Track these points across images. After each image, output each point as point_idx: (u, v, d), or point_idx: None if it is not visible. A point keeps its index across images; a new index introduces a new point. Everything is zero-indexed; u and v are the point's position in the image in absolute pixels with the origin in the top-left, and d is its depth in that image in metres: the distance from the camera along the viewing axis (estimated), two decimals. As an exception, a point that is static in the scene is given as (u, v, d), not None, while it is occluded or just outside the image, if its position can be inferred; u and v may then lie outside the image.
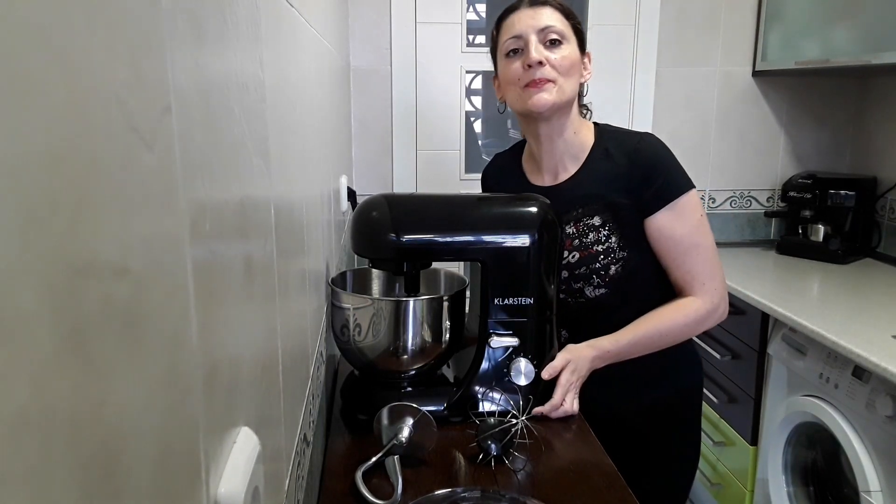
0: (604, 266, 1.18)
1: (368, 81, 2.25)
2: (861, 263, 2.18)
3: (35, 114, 0.20)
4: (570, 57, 1.15)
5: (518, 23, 1.16)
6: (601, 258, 1.18)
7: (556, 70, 1.14)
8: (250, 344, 0.49)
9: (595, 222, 1.18)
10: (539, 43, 1.15)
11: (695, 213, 1.16)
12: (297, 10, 0.83)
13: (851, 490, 1.55)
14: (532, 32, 1.15)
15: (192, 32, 0.36)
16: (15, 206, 0.19)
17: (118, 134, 0.26)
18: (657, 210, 1.15)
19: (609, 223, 1.17)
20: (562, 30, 1.15)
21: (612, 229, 1.17)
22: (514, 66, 1.16)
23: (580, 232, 1.19)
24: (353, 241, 1.10)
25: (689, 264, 1.16)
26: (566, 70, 1.15)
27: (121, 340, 0.26)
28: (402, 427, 0.94)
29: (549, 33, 1.15)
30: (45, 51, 0.20)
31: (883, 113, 2.30)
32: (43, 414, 0.20)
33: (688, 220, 1.15)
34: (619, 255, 1.17)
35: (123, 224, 0.26)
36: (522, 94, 1.16)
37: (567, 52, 1.15)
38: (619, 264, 1.17)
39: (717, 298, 1.17)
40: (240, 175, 0.47)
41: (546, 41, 1.15)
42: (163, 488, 0.30)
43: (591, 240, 1.18)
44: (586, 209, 1.19)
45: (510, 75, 1.18)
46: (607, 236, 1.17)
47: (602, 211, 1.18)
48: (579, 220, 1.19)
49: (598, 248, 1.18)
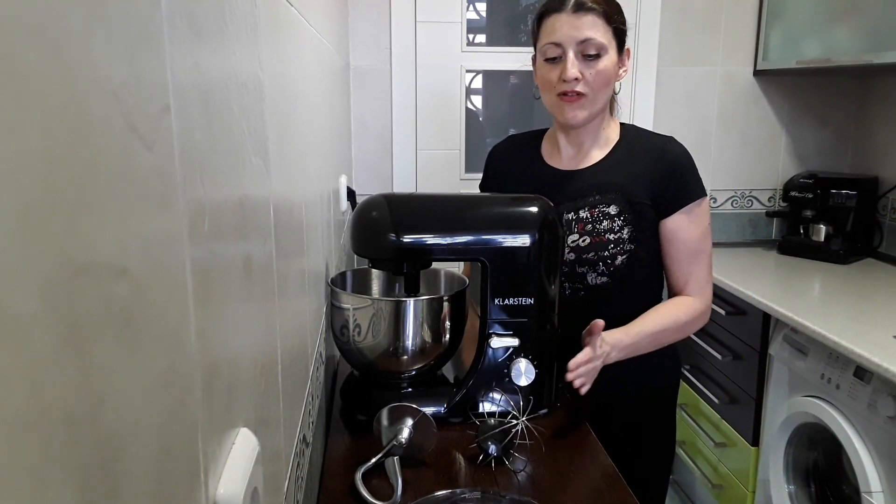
0: (611, 255, 1.21)
1: (368, 81, 2.25)
2: (862, 263, 2.18)
3: (34, 113, 0.20)
4: (605, 71, 1.18)
5: (559, 30, 1.16)
6: (611, 247, 1.21)
7: (591, 86, 1.17)
8: (249, 344, 0.49)
9: (611, 211, 1.21)
10: (577, 55, 1.16)
11: (706, 219, 1.23)
12: (296, 9, 0.83)
13: (853, 490, 1.54)
14: (571, 44, 1.16)
15: (191, 32, 0.36)
16: (14, 206, 0.18)
17: (117, 133, 0.26)
18: (675, 212, 1.20)
19: (625, 214, 1.21)
20: (601, 42, 1.16)
21: (626, 220, 1.21)
22: (551, 74, 1.19)
23: (594, 218, 1.22)
24: (353, 241, 1.10)
25: (692, 267, 1.22)
26: (601, 85, 1.18)
27: (120, 340, 0.26)
28: (401, 428, 0.94)
29: (588, 46, 1.16)
30: (44, 50, 0.20)
31: (884, 112, 2.29)
32: (42, 414, 0.20)
33: (699, 226, 1.21)
34: (627, 247, 1.21)
35: (122, 224, 0.26)
36: (557, 102, 1.20)
37: (604, 66, 1.17)
38: (625, 256, 1.21)
39: (708, 302, 1.24)
40: (239, 175, 0.46)
41: (584, 52, 1.16)
42: (161, 489, 0.30)
43: (604, 227, 1.21)
44: (604, 197, 1.22)
45: (546, 79, 1.20)
46: (621, 227, 1.21)
47: (620, 201, 1.21)
48: (595, 206, 1.22)
49: (609, 237, 1.21)
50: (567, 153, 1.29)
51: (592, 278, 1.23)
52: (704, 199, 1.21)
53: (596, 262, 1.22)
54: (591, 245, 1.21)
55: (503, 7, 2.35)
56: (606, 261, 1.21)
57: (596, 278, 1.23)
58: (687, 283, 1.22)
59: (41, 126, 0.20)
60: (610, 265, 1.21)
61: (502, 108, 2.47)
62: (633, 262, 1.21)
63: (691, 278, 1.21)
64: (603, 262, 1.21)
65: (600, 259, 1.21)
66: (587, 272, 1.22)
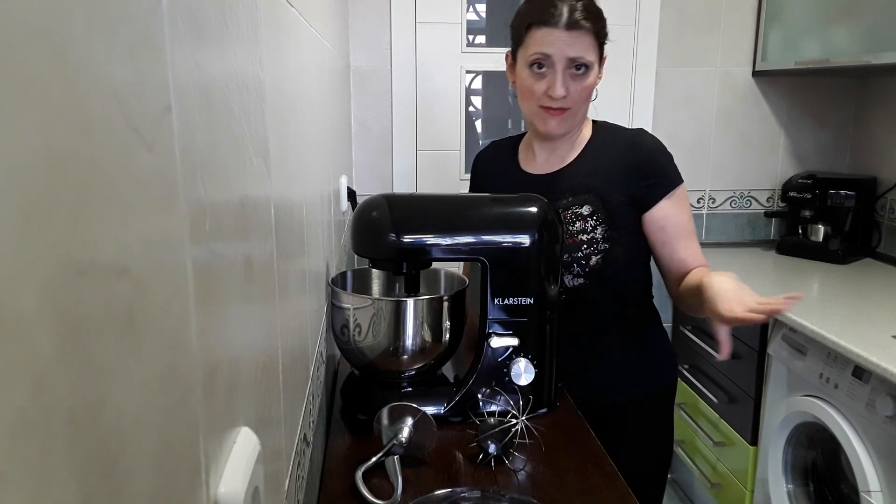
0: (585, 256, 1.22)
1: (368, 81, 2.25)
2: (861, 263, 2.18)
3: (35, 113, 0.20)
4: (589, 86, 1.19)
5: (550, 45, 1.15)
6: (584, 248, 1.22)
7: (574, 100, 1.18)
8: (250, 344, 0.49)
9: (584, 212, 1.22)
10: (565, 71, 1.16)
11: (687, 202, 1.24)
12: (297, 10, 0.83)
13: (851, 490, 1.55)
14: (561, 61, 1.15)
15: (192, 32, 0.36)
16: (15, 206, 0.19)
17: (118, 134, 0.26)
18: (658, 201, 1.20)
19: (598, 214, 1.21)
20: (590, 60, 1.16)
21: (599, 220, 1.21)
22: (536, 85, 1.18)
23: (567, 220, 1.22)
24: (353, 242, 1.10)
25: (689, 242, 1.23)
26: (584, 99, 1.19)
27: (121, 341, 0.26)
28: (402, 427, 0.94)
29: (576, 62, 1.16)
30: (46, 50, 0.20)
31: (883, 113, 2.30)
32: (43, 414, 0.20)
33: (685, 209, 1.23)
34: (601, 246, 1.22)
35: (123, 224, 0.26)
36: (539, 113, 1.20)
37: (589, 80, 1.18)
38: (599, 255, 1.22)
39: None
40: (240, 175, 0.47)
41: (571, 67, 1.16)
42: (163, 488, 0.30)
43: (577, 228, 1.22)
44: (577, 198, 1.23)
45: (529, 88, 1.19)
46: (594, 226, 1.21)
47: (593, 201, 1.21)
48: (568, 209, 1.23)
49: (581, 238, 1.22)
50: (541, 157, 1.29)
51: (569, 280, 1.24)
52: (683, 184, 1.22)
53: (570, 264, 1.22)
54: (564, 247, 1.21)
55: (503, 8, 2.35)
56: (580, 262, 1.22)
57: (573, 280, 1.23)
58: (688, 263, 1.22)
59: (43, 126, 0.20)
60: (584, 266, 1.22)
61: (502, 108, 2.47)
62: (608, 262, 1.22)
63: (690, 253, 1.22)
64: (577, 264, 1.22)
65: (574, 260, 1.22)
66: (563, 274, 1.23)
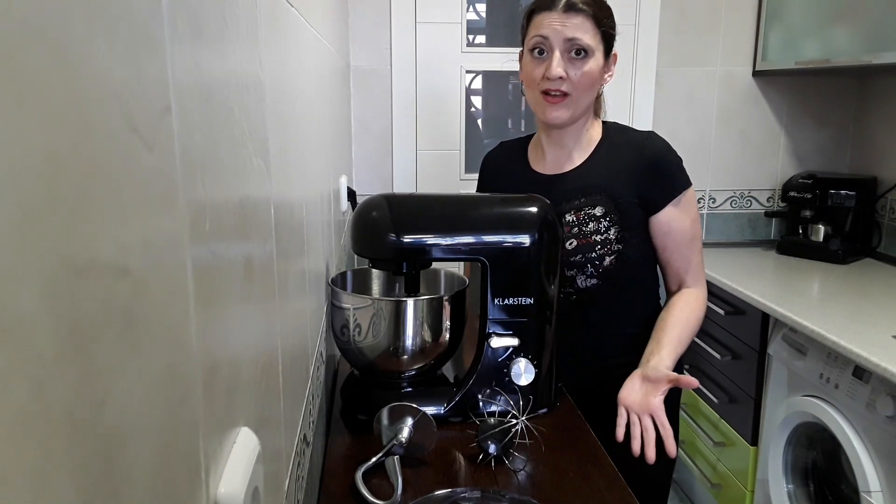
0: (599, 256, 1.22)
1: (368, 81, 2.25)
2: (861, 263, 2.18)
3: (35, 113, 0.20)
4: (590, 73, 1.17)
5: (547, 26, 1.16)
6: (598, 248, 1.22)
7: (575, 86, 1.17)
8: (250, 344, 0.49)
9: (597, 213, 1.22)
10: (563, 53, 1.16)
11: (694, 207, 1.25)
12: (296, 9, 0.83)
13: (851, 490, 1.55)
14: (558, 42, 1.15)
15: (191, 32, 0.36)
16: (14, 206, 0.18)
17: (118, 134, 0.26)
18: (665, 205, 1.21)
19: (611, 215, 1.21)
20: (588, 44, 1.16)
21: (612, 221, 1.21)
22: (536, 70, 1.18)
23: (580, 220, 1.22)
24: (353, 242, 1.10)
25: (690, 253, 1.24)
26: (585, 87, 1.18)
27: (120, 341, 0.26)
28: (401, 427, 0.94)
29: (574, 46, 1.16)
30: (45, 50, 0.20)
31: (883, 113, 2.30)
32: (43, 414, 0.20)
33: (689, 214, 1.23)
34: (614, 247, 1.22)
35: (123, 224, 0.26)
36: (540, 100, 1.20)
37: (589, 67, 1.17)
38: (612, 256, 1.22)
39: (706, 287, 1.27)
40: (240, 175, 0.47)
41: (570, 51, 1.16)
42: (162, 489, 0.30)
43: (590, 229, 1.22)
44: (589, 199, 1.23)
45: (531, 75, 1.20)
46: (607, 227, 1.21)
47: (605, 202, 1.22)
48: (581, 210, 1.23)
49: (596, 238, 1.22)
50: (551, 157, 1.29)
51: (582, 281, 1.23)
52: (690, 188, 1.23)
53: (584, 265, 1.22)
54: (578, 248, 1.22)
55: (503, 8, 2.35)
56: (594, 262, 1.22)
57: (585, 280, 1.23)
58: (687, 271, 1.24)
59: (43, 126, 0.20)
60: (598, 266, 1.22)
61: (502, 108, 2.47)
62: (621, 263, 1.22)
63: (690, 265, 1.24)
64: (591, 264, 1.22)
65: (588, 261, 1.22)
66: (576, 275, 1.23)
